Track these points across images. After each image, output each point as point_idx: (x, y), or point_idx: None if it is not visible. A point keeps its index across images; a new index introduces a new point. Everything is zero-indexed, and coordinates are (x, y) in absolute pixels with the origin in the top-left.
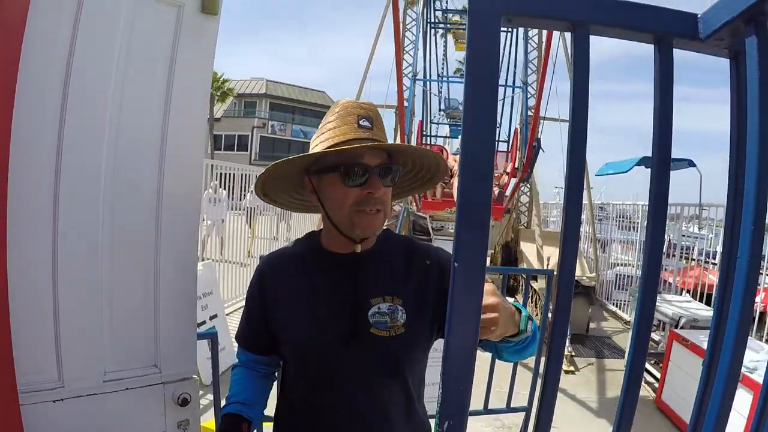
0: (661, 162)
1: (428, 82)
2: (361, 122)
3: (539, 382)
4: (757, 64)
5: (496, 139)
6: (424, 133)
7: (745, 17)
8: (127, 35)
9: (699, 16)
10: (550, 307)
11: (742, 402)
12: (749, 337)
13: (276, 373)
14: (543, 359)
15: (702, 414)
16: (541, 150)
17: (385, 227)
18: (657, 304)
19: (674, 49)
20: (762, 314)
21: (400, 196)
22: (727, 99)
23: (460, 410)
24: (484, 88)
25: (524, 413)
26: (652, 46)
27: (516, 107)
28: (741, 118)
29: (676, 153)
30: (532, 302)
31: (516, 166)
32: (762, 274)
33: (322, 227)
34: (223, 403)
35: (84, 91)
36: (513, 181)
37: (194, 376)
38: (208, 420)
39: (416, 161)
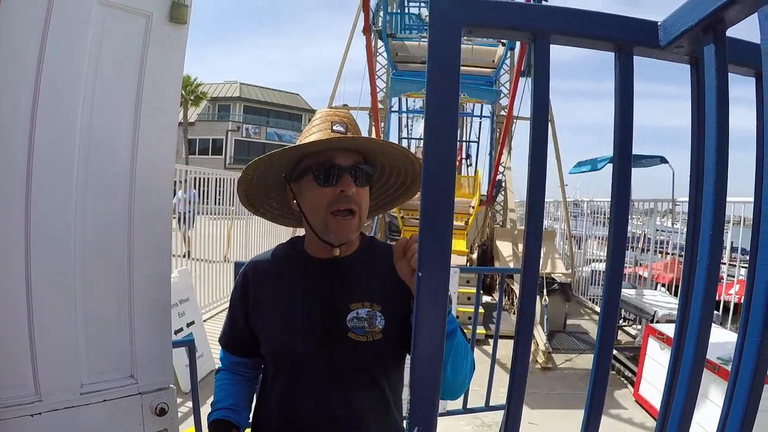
0: (622, 165)
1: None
2: (334, 127)
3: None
4: (715, 72)
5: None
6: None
7: (704, 25)
8: (96, 46)
9: (659, 24)
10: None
11: (718, 393)
12: (726, 329)
13: (259, 377)
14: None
15: (671, 398)
16: (501, 188)
17: (365, 230)
18: (633, 298)
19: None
20: (738, 306)
21: (378, 212)
22: None
23: (429, 415)
24: (445, 98)
25: (504, 411)
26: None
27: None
28: (701, 124)
29: (648, 149)
30: (508, 300)
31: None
32: (736, 266)
33: (298, 234)
34: (204, 409)
35: (54, 101)
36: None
37: (171, 385)
38: (188, 428)
39: (393, 166)
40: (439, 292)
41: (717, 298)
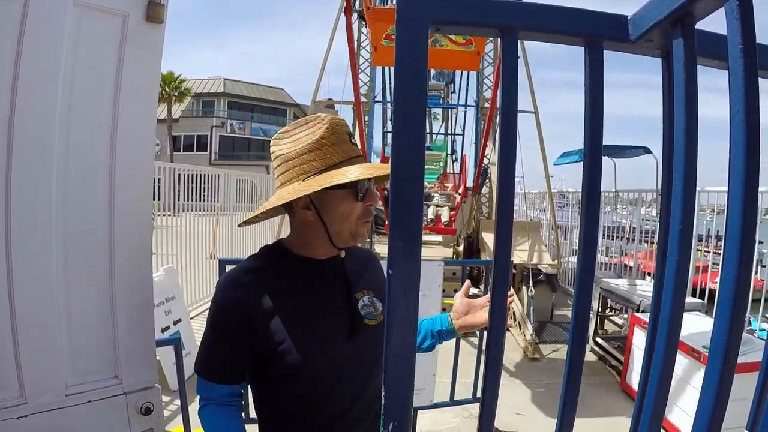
0: (593, 160)
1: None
2: (351, 140)
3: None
4: (683, 65)
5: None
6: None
7: (673, 19)
8: (73, 46)
9: (629, 17)
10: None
11: (701, 379)
12: (710, 318)
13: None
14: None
15: (648, 378)
16: (488, 175)
17: None
18: (619, 288)
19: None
20: None
21: None
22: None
23: (403, 411)
24: (413, 95)
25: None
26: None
27: (469, 127)
28: (672, 118)
29: (633, 140)
30: None
31: (467, 185)
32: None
33: (282, 237)
34: (193, 407)
35: (32, 101)
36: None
37: (156, 384)
38: (177, 427)
39: None
40: (409, 289)
41: (702, 287)
